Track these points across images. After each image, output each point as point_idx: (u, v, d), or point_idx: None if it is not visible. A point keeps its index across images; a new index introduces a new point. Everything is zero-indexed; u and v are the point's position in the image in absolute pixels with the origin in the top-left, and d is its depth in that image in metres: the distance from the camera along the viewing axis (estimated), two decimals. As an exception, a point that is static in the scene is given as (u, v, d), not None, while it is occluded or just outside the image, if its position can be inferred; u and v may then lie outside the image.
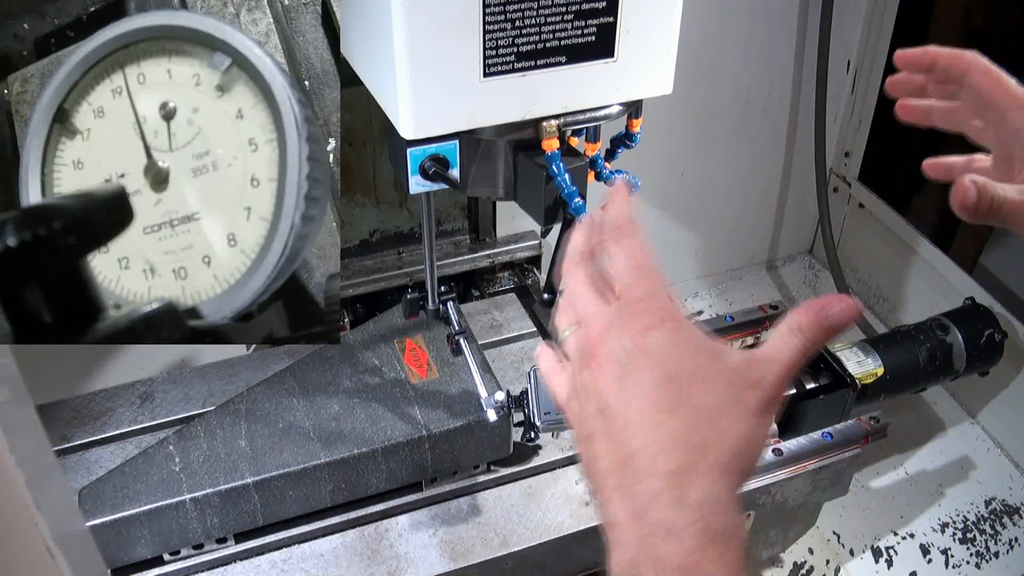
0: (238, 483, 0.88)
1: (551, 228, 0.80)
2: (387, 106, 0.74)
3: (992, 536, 1.31)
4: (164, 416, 1.03)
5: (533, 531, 0.95)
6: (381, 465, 0.94)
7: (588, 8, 0.71)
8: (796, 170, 1.69)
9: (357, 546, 0.94)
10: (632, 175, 0.83)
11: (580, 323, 0.49)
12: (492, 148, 0.78)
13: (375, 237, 1.31)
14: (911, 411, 1.49)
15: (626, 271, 0.48)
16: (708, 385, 0.43)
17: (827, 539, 1.33)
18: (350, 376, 1.01)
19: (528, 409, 0.97)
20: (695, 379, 0.44)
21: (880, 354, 1.23)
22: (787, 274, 1.81)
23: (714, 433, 0.42)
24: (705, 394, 0.43)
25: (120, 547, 0.87)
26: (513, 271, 1.37)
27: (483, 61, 0.70)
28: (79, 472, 0.95)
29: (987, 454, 1.43)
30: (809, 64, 1.53)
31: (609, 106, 0.77)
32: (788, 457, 1.05)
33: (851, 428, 1.10)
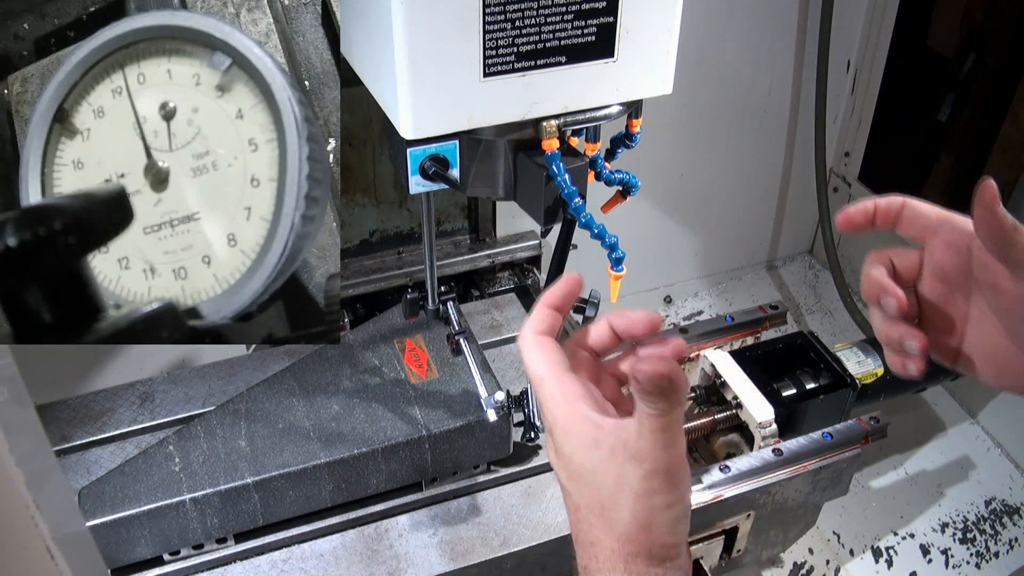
0: (238, 483, 0.88)
1: (551, 228, 0.80)
2: (387, 106, 0.74)
3: (992, 536, 1.31)
4: (164, 416, 1.03)
5: (533, 531, 0.95)
6: (381, 465, 0.94)
7: (588, 8, 0.71)
8: (796, 170, 1.69)
9: (357, 546, 0.94)
10: (632, 175, 0.83)
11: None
12: (492, 148, 0.78)
13: (375, 237, 1.31)
14: (911, 411, 1.49)
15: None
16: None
17: (827, 539, 1.33)
18: (350, 376, 1.01)
19: (528, 409, 0.97)
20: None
21: (880, 354, 1.23)
22: (787, 274, 1.81)
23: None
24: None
25: (120, 547, 0.87)
26: (513, 271, 1.37)
27: (483, 61, 0.70)
28: (79, 472, 0.95)
29: (987, 454, 1.43)
30: (809, 64, 1.53)
31: (609, 106, 0.77)
32: (788, 457, 1.05)
33: (851, 428, 1.10)
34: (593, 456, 0.50)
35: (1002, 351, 0.54)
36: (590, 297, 0.87)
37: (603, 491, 0.50)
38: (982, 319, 0.54)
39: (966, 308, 0.55)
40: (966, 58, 1.53)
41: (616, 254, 0.77)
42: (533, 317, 0.55)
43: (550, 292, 0.56)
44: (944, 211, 0.55)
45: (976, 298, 0.54)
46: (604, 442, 0.49)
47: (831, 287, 1.65)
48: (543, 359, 0.53)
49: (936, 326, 0.56)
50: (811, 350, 1.21)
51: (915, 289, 0.57)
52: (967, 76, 1.54)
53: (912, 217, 0.56)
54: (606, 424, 0.49)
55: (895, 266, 0.56)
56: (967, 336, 0.56)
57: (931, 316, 0.57)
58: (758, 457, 1.05)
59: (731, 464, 1.03)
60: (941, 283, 0.56)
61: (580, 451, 0.50)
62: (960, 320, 0.56)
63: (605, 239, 0.77)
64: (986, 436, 1.45)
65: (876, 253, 0.57)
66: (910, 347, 0.54)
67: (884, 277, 0.55)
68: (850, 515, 1.35)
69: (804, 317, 1.72)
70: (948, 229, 0.54)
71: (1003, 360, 0.54)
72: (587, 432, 0.50)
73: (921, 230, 0.56)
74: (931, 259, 0.56)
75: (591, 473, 0.50)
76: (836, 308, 1.69)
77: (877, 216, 0.56)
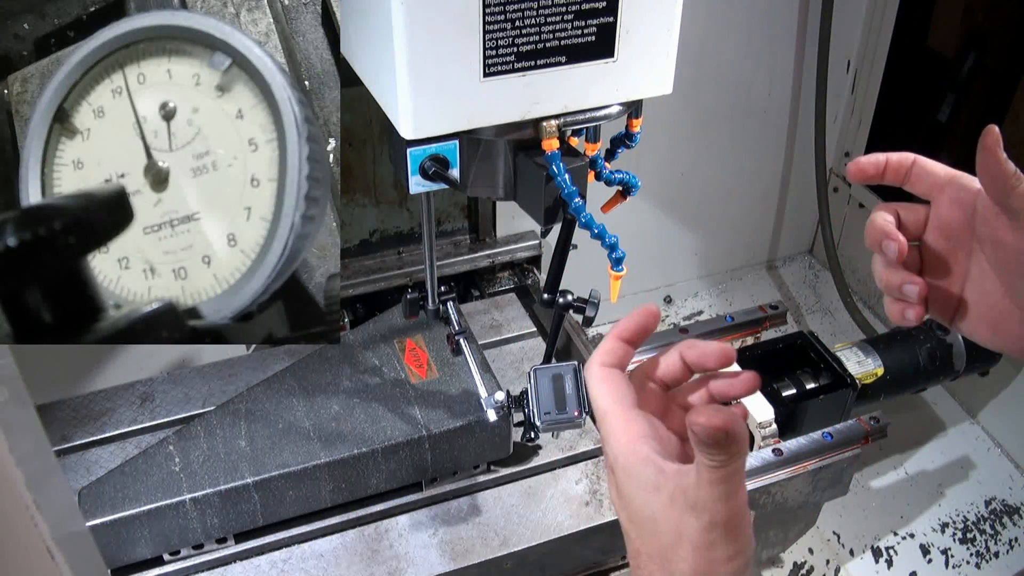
0: (238, 483, 0.88)
1: (551, 228, 0.80)
2: (387, 106, 0.74)
3: (992, 536, 1.31)
4: (164, 416, 1.03)
5: (533, 531, 0.95)
6: (381, 465, 0.94)
7: (588, 8, 0.71)
8: (796, 170, 1.69)
9: (357, 546, 0.94)
10: (632, 175, 0.83)
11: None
12: (492, 148, 0.78)
13: (375, 237, 1.31)
14: (911, 411, 1.49)
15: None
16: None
17: (827, 539, 1.33)
18: (350, 376, 1.01)
19: (528, 409, 0.97)
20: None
21: (880, 354, 1.23)
22: (787, 274, 1.81)
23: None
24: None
25: (120, 547, 0.87)
26: (513, 271, 1.37)
27: (483, 61, 0.70)
28: (79, 472, 0.95)
29: (987, 454, 1.43)
30: (809, 64, 1.53)
31: (609, 106, 0.77)
32: (788, 457, 1.05)
33: (851, 428, 1.10)
34: (653, 502, 0.48)
35: (999, 309, 0.55)
36: (590, 297, 0.87)
37: (662, 540, 0.48)
38: (981, 276, 0.55)
39: (967, 265, 0.56)
40: (966, 58, 1.53)
41: (616, 254, 0.77)
42: (602, 348, 0.54)
43: (623, 324, 0.55)
44: (953, 170, 0.56)
45: (977, 255, 0.55)
46: (664, 488, 0.48)
47: (831, 287, 1.65)
48: (608, 394, 0.52)
49: (937, 281, 0.57)
50: (811, 350, 1.21)
51: (919, 245, 0.58)
52: (967, 76, 1.54)
53: (922, 173, 0.56)
54: (668, 469, 0.48)
55: (901, 218, 0.57)
56: (966, 293, 0.57)
57: (932, 270, 0.57)
58: (758, 457, 1.05)
59: (731, 464, 1.03)
60: (945, 238, 0.57)
61: (640, 495, 0.49)
62: (960, 276, 0.57)
63: (605, 239, 0.76)
64: (986, 436, 1.45)
65: (884, 205, 0.57)
66: (909, 291, 0.55)
67: (888, 223, 0.55)
68: (850, 515, 1.35)
69: (804, 317, 1.72)
70: (956, 187, 0.55)
71: (999, 318, 0.55)
72: (648, 475, 0.49)
73: (929, 187, 0.56)
74: (937, 215, 0.56)
75: (651, 520, 0.49)
76: (836, 308, 1.69)
77: (888, 169, 0.57)
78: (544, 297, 0.87)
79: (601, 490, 1.00)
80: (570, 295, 0.87)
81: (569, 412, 0.89)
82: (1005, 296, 0.54)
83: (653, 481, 0.48)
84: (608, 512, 0.97)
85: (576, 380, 0.91)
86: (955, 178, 0.55)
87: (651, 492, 0.48)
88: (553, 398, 0.90)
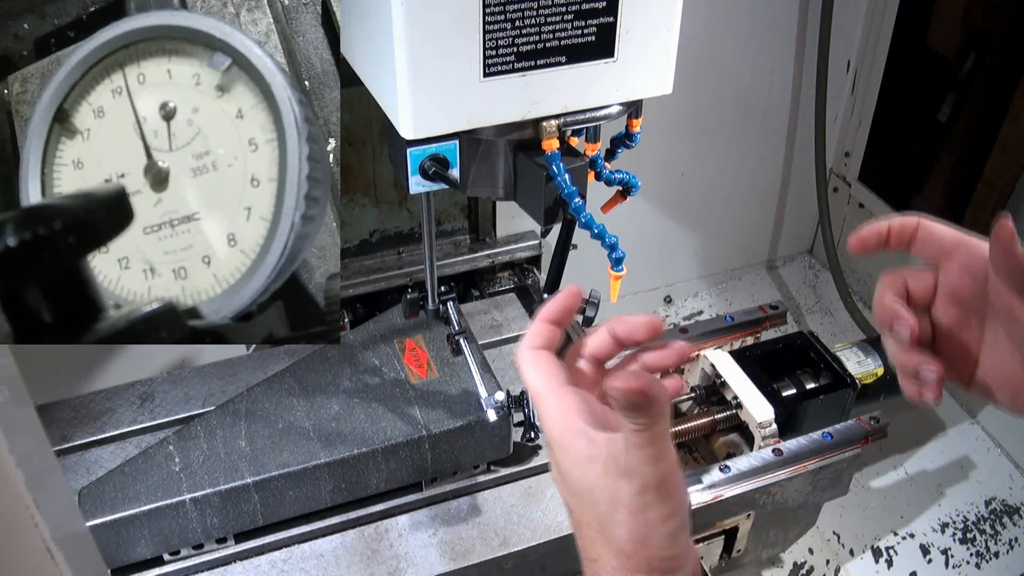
0: (238, 483, 0.88)
1: (551, 228, 0.80)
2: (387, 106, 0.74)
3: (992, 536, 1.31)
4: (164, 416, 1.03)
5: (533, 531, 0.95)
6: (381, 465, 0.94)
7: (588, 8, 0.71)
8: (796, 170, 1.69)
9: (357, 546, 0.94)
10: (632, 175, 0.83)
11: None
12: (492, 148, 0.78)
13: (375, 237, 1.31)
14: (911, 411, 1.49)
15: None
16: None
17: (827, 539, 1.33)
18: (350, 376, 1.01)
19: (528, 409, 0.97)
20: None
21: (880, 354, 1.23)
22: (787, 274, 1.81)
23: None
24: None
25: (120, 547, 0.87)
26: (513, 271, 1.37)
27: (483, 61, 0.70)
28: (79, 472, 0.95)
29: (987, 454, 1.43)
30: (809, 64, 1.53)
31: (609, 106, 0.77)
32: (788, 457, 1.05)
33: (851, 428, 1.10)
34: (589, 472, 0.49)
35: (1018, 376, 0.53)
36: (590, 297, 0.87)
37: (600, 508, 0.49)
38: (997, 344, 0.54)
39: (981, 332, 0.54)
40: (966, 58, 1.53)
41: (616, 254, 0.77)
42: (530, 332, 0.55)
43: (547, 306, 0.55)
44: (960, 233, 0.54)
45: (992, 323, 0.54)
46: (598, 458, 0.49)
47: (831, 287, 1.65)
48: (540, 374, 0.52)
49: (951, 349, 0.56)
50: (811, 350, 1.21)
51: (929, 311, 0.56)
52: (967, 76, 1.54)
53: (927, 239, 0.54)
54: (599, 439, 0.49)
55: (909, 288, 0.55)
56: (982, 360, 0.55)
57: (946, 339, 0.56)
58: (758, 457, 1.05)
59: (731, 464, 1.03)
60: (956, 307, 0.55)
61: (576, 467, 0.50)
62: (975, 344, 0.55)
63: (605, 239, 0.77)
64: (986, 436, 1.45)
65: (890, 275, 0.56)
66: (926, 376, 0.53)
67: (897, 303, 0.54)
68: (850, 515, 1.35)
69: (804, 317, 1.72)
70: (964, 252, 0.53)
71: (1019, 385, 0.53)
72: (582, 448, 0.49)
73: (936, 252, 0.54)
74: (946, 282, 0.54)
75: (587, 490, 0.50)
76: (836, 308, 1.69)
77: (891, 237, 0.55)
78: (544, 297, 0.86)
79: (601, 490, 1.00)
80: (570, 295, 0.87)
81: (569, 412, 0.89)
82: (1023, 364, 0.52)
83: (586, 452, 0.49)
84: (608, 512, 0.97)
85: (576, 380, 0.91)
86: (962, 243, 0.53)
87: (586, 463, 0.49)
88: (553, 398, 0.90)
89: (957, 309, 0.55)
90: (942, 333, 0.56)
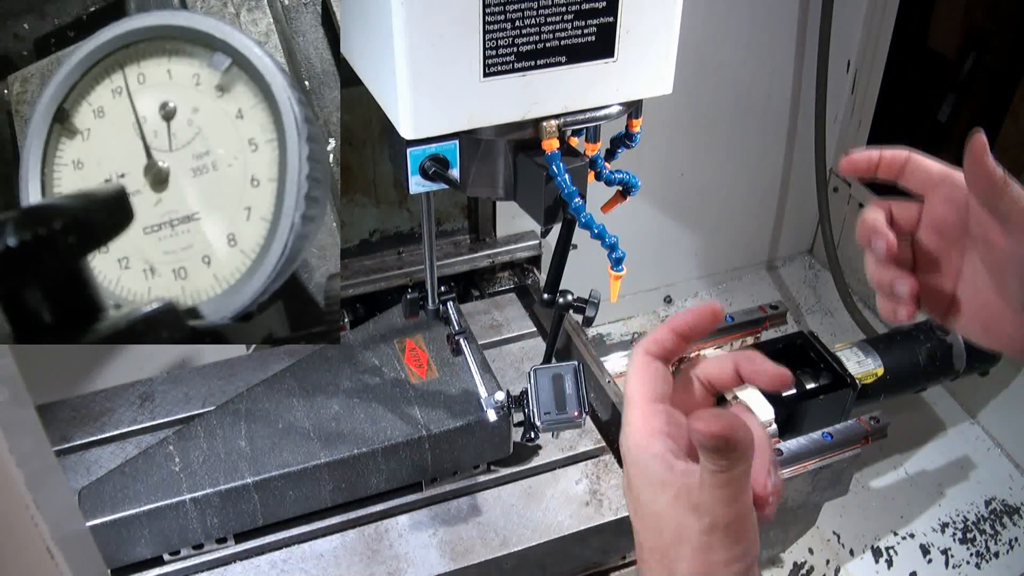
0: (238, 483, 0.88)
1: (551, 228, 0.80)
2: (387, 106, 0.74)
3: (992, 536, 1.31)
4: (164, 416, 1.03)
5: (533, 531, 0.95)
6: (381, 465, 0.94)
7: (588, 8, 0.71)
8: (796, 170, 1.69)
9: (357, 546, 0.94)
10: (632, 175, 0.83)
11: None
12: (492, 148, 0.78)
13: (375, 237, 1.31)
14: (911, 411, 1.49)
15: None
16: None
17: (827, 539, 1.33)
18: (350, 376, 1.01)
19: (528, 409, 0.96)
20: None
21: (880, 354, 1.23)
22: (787, 274, 1.81)
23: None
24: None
25: (120, 547, 0.87)
26: (513, 271, 1.37)
27: (483, 61, 0.70)
28: (79, 472, 0.95)
29: (987, 454, 1.43)
30: (809, 64, 1.53)
31: (609, 106, 0.77)
32: (788, 457, 1.05)
33: (851, 428, 1.10)
34: (658, 498, 0.48)
35: (991, 308, 0.54)
36: (590, 297, 0.87)
37: (664, 537, 0.48)
38: (974, 275, 0.55)
39: (960, 263, 0.56)
40: (966, 58, 1.53)
41: (616, 254, 0.77)
42: (651, 336, 0.53)
43: (681, 317, 0.53)
44: (947, 167, 0.56)
45: (970, 254, 0.55)
46: (671, 486, 0.47)
47: (831, 287, 1.65)
48: (639, 383, 0.51)
49: (930, 278, 0.57)
50: (811, 350, 1.21)
51: (912, 241, 0.58)
52: (967, 76, 1.54)
53: (915, 170, 0.56)
54: (676, 467, 0.48)
55: (894, 215, 0.57)
56: (959, 291, 0.56)
57: (925, 268, 0.57)
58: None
59: (731, 464, 1.03)
60: (938, 236, 0.56)
61: (647, 490, 0.49)
62: (953, 274, 0.56)
63: (605, 239, 0.77)
64: (986, 436, 1.45)
65: (877, 200, 0.57)
66: (900, 290, 0.55)
67: (879, 220, 0.55)
68: (850, 515, 1.35)
69: (804, 317, 1.72)
70: (949, 184, 0.55)
71: (991, 317, 0.55)
72: (655, 471, 0.48)
73: (923, 184, 0.56)
74: (930, 212, 0.56)
75: (654, 516, 0.48)
76: (836, 308, 1.69)
77: (881, 165, 0.57)
78: (544, 297, 0.87)
79: (601, 490, 1.00)
80: (570, 295, 0.87)
81: (569, 412, 0.89)
82: (997, 295, 0.54)
83: (660, 478, 0.48)
84: (608, 512, 0.97)
85: (576, 380, 0.91)
86: (949, 176, 0.55)
87: (657, 488, 0.48)
88: (553, 398, 0.90)
89: (938, 238, 0.56)
90: (922, 261, 0.57)
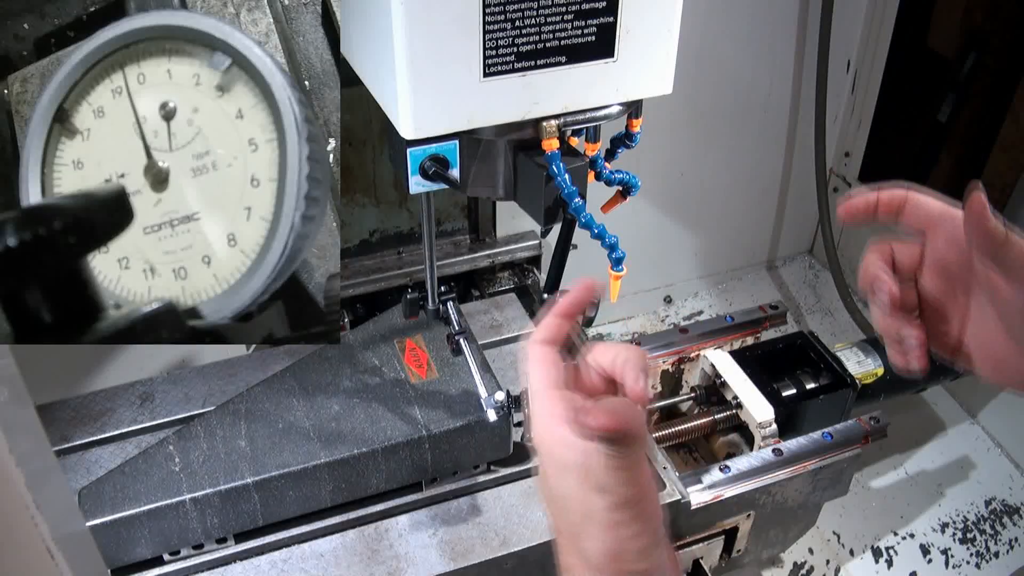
0: (238, 483, 0.88)
1: (551, 228, 0.80)
2: (387, 106, 0.74)
3: (992, 536, 1.31)
4: (164, 416, 1.03)
5: (533, 531, 0.95)
6: (381, 465, 0.94)
7: (588, 8, 0.71)
8: (796, 170, 1.69)
9: (357, 546, 0.94)
10: (632, 175, 0.83)
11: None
12: (492, 148, 0.78)
13: (375, 237, 1.31)
14: (911, 411, 1.49)
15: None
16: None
17: (827, 539, 1.33)
18: (350, 376, 1.01)
19: (528, 409, 0.96)
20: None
21: (880, 354, 1.23)
22: (787, 274, 1.81)
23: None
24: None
25: (120, 547, 0.87)
26: (513, 271, 1.37)
27: (483, 61, 0.70)
28: (79, 472, 0.95)
29: (987, 454, 1.43)
30: (809, 64, 1.53)
31: (609, 106, 0.77)
32: (788, 457, 1.05)
33: (851, 428, 1.10)
34: (565, 481, 0.49)
35: (1000, 347, 0.54)
36: (590, 297, 0.87)
37: (572, 518, 0.50)
38: (981, 314, 0.54)
39: (966, 303, 0.55)
40: (966, 58, 1.53)
41: (616, 254, 0.77)
42: (540, 326, 0.55)
43: (562, 301, 0.55)
44: (947, 205, 0.55)
45: (976, 293, 0.54)
46: (575, 468, 0.49)
47: (831, 287, 1.65)
48: (539, 374, 0.53)
49: (936, 319, 0.56)
50: (811, 350, 1.21)
51: (916, 282, 0.57)
52: (967, 76, 1.54)
53: (914, 210, 0.55)
54: (576, 447, 0.49)
55: (895, 257, 0.56)
56: (966, 331, 0.56)
57: (931, 309, 0.57)
58: (758, 457, 1.05)
59: (731, 464, 1.04)
60: (942, 277, 0.56)
61: (554, 474, 0.50)
62: (960, 314, 0.56)
63: (605, 239, 0.77)
64: (986, 436, 1.45)
65: (877, 243, 0.56)
66: (908, 341, 0.54)
67: (880, 267, 0.55)
68: (850, 515, 1.35)
69: (804, 317, 1.72)
70: (950, 224, 0.54)
71: (1001, 356, 0.54)
72: (560, 456, 0.50)
73: (923, 223, 0.55)
74: (932, 253, 0.55)
75: (563, 498, 0.50)
76: (836, 308, 1.69)
77: (879, 208, 0.56)
78: (544, 297, 0.87)
79: (601, 490, 1.00)
80: (570, 295, 0.87)
81: (569, 412, 0.89)
82: (1007, 336, 0.53)
83: (564, 459, 0.50)
84: (608, 512, 0.97)
85: (576, 380, 0.91)
86: (949, 215, 0.54)
87: (562, 471, 0.50)
88: (553, 398, 0.90)
89: (943, 279, 0.56)
90: (928, 303, 0.57)
